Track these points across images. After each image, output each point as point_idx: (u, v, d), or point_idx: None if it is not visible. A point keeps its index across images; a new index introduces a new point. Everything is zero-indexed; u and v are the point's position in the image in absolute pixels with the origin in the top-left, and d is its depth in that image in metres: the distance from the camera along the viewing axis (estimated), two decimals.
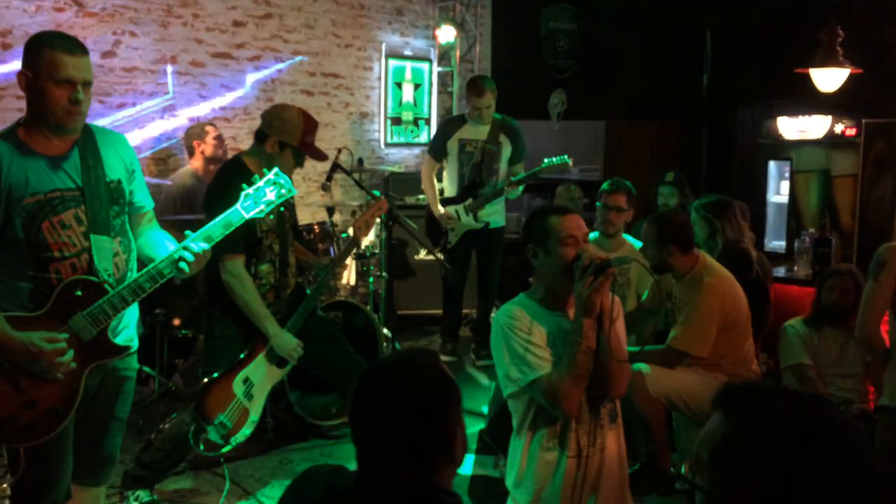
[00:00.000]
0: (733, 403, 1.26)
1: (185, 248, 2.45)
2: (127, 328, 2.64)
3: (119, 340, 2.55)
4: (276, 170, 2.65)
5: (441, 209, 5.41)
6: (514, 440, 2.60)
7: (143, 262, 2.64)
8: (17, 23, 4.91)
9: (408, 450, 1.57)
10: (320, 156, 3.71)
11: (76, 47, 2.44)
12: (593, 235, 4.51)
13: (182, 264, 2.45)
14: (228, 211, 2.56)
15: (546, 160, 5.20)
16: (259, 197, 2.59)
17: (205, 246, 2.48)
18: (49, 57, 2.39)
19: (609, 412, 2.55)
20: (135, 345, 2.70)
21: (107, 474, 2.80)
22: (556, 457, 2.48)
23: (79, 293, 2.39)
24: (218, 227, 2.54)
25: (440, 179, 5.73)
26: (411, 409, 1.58)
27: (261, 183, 2.60)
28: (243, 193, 2.58)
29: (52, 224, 2.41)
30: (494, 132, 5.36)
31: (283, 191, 2.63)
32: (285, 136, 3.52)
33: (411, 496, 1.59)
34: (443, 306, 5.74)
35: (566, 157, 5.20)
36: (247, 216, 2.56)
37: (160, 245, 2.64)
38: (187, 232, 2.50)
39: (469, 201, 5.39)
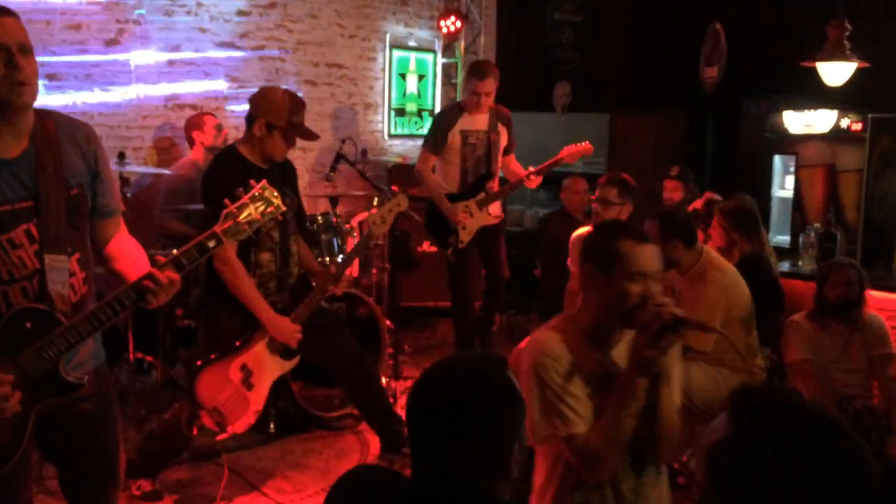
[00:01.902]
0: (741, 406, 1.24)
1: (151, 278, 2.09)
2: (85, 358, 2.30)
3: (76, 370, 2.21)
4: (263, 183, 2.29)
5: (451, 205, 5.04)
6: (539, 489, 2.27)
7: (108, 275, 2.36)
8: (20, 11, 4.88)
9: (461, 455, 1.49)
10: (309, 135, 3.66)
11: (0, 10, 2.07)
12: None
13: (152, 293, 2.11)
14: (205, 234, 2.20)
15: (566, 147, 5.01)
16: (242, 215, 2.22)
17: (173, 275, 2.13)
18: None
19: (655, 468, 2.23)
20: (91, 365, 2.33)
21: (117, 483, 2.54)
22: None
23: (28, 324, 2.05)
24: (192, 252, 2.18)
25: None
26: (472, 411, 1.50)
27: (245, 199, 2.23)
28: (224, 213, 2.21)
29: (1, 243, 2.06)
30: (493, 121, 5.09)
31: (270, 207, 2.26)
32: (271, 116, 3.49)
33: None
34: (456, 315, 5.31)
35: (587, 142, 5.02)
36: (225, 240, 2.21)
37: (129, 258, 2.32)
38: (158, 257, 2.18)
39: (481, 196, 5.07)
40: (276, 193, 2.29)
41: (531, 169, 4.99)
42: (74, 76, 5.17)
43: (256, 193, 2.25)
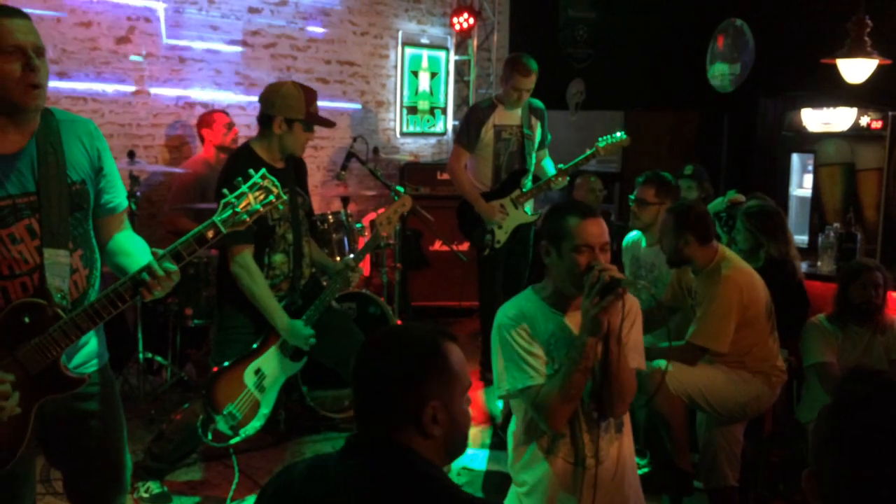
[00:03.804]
0: (842, 383, 1.33)
1: (148, 270, 2.08)
2: (87, 356, 2.29)
3: (79, 370, 2.21)
4: (262, 171, 2.26)
5: (487, 204, 4.88)
6: (514, 431, 2.56)
7: (113, 272, 2.32)
8: (31, 8, 4.86)
9: (375, 406, 1.63)
10: (328, 123, 3.66)
11: (14, 11, 2.09)
12: (634, 232, 4.35)
13: (147, 287, 2.09)
14: (204, 224, 2.18)
15: (601, 139, 4.86)
16: (241, 204, 2.20)
17: (171, 266, 2.10)
18: None
19: (615, 423, 2.50)
20: (93, 367, 2.31)
21: (123, 485, 2.49)
22: (548, 459, 2.45)
23: (27, 319, 2.04)
24: (190, 243, 2.15)
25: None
26: (384, 365, 1.65)
27: (245, 188, 2.21)
28: (223, 202, 2.19)
29: (1, 238, 2.06)
30: (526, 116, 4.97)
31: (270, 197, 2.23)
32: (290, 111, 3.45)
33: (383, 456, 1.60)
34: (483, 320, 5.13)
35: (623, 133, 4.89)
36: (225, 231, 2.18)
37: (133, 254, 2.28)
38: (155, 250, 2.16)
39: (516, 193, 4.92)
40: (276, 182, 2.25)
41: (560, 167, 4.88)
42: (85, 74, 5.14)
43: (256, 182, 2.22)
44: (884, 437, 1.22)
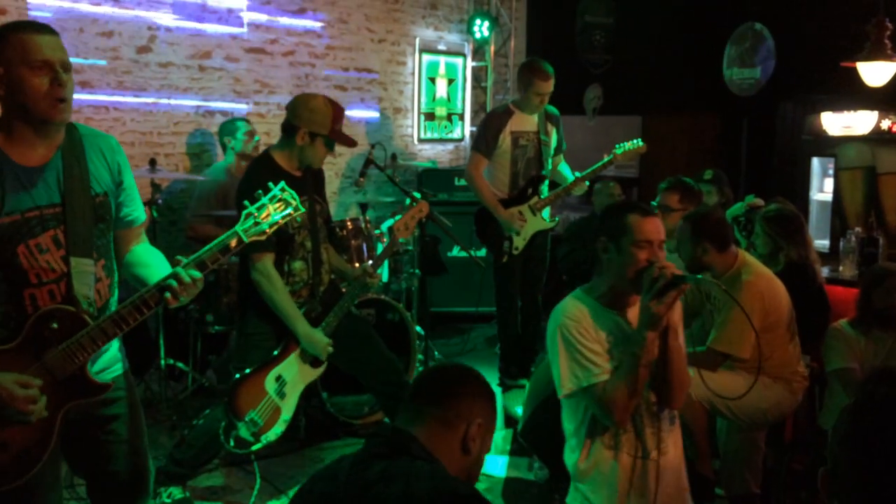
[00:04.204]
0: (864, 383, 1.39)
1: (174, 277, 2.15)
2: (110, 362, 2.34)
3: (101, 376, 2.26)
4: (282, 184, 2.34)
5: (506, 211, 4.87)
6: (571, 436, 2.59)
7: (130, 284, 2.38)
8: (54, 18, 4.93)
9: (418, 413, 1.79)
10: (350, 142, 3.70)
11: (43, 27, 2.16)
12: None
13: (170, 294, 2.15)
14: (227, 234, 2.25)
15: (619, 146, 4.90)
16: (262, 215, 2.28)
17: (196, 274, 2.17)
18: (18, 41, 2.09)
19: (669, 415, 2.57)
20: (117, 371, 2.37)
21: (146, 490, 2.53)
22: (614, 456, 2.49)
23: (55, 325, 2.10)
24: (214, 252, 2.23)
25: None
26: (453, 374, 1.87)
27: (265, 200, 2.30)
28: (244, 213, 2.28)
29: (29, 248, 2.12)
30: (543, 122, 4.97)
31: (289, 209, 2.31)
32: (315, 126, 3.49)
33: (393, 443, 1.72)
34: (501, 326, 5.16)
35: (640, 140, 4.93)
36: (247, 240, 2.25)
37: (152, 265, 2.35)
38: (179, 257, 2.21)
39: (535, 199, 4.91)
40: (294, 195, 2.33)
41: (578, 175, 4.89)
42: (107, 83, 5.20)
43: (276, 194, 2.30)
44: None
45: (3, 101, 2.14)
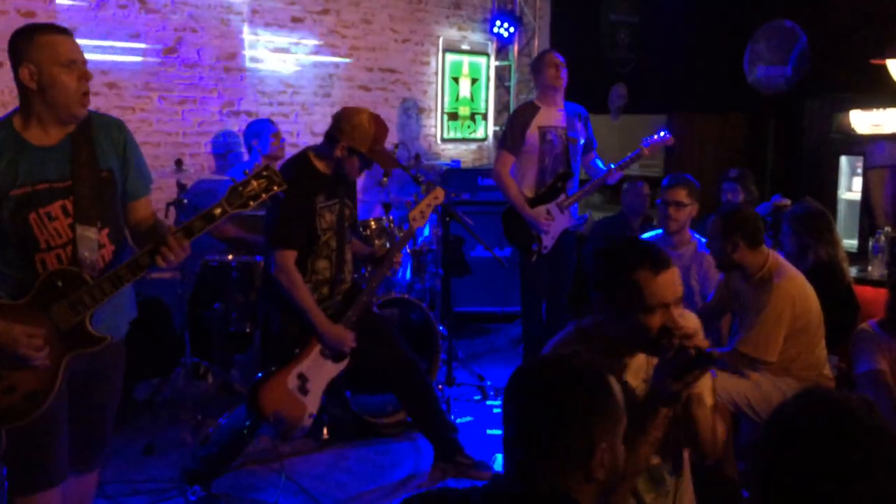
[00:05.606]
0: (777, 410, 1.41)
1: (164, 241, 2.40)
2: (115, 314, 2.59)
3: (102, 329, 2.49)
4: (266, 165, 2.54)
5: (533, 210, 4.79)
6: None
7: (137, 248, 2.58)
8: (81, 19, 4.99)
9: (539, 447, 1.50)
10: (390, 163, 3.71)
11: (63, 29, 2.42)
12: (655, 233, 4.38)
13: (159, 256, 2.40)
14: (213, 205, 2.47)
15: (645, 140, 4.81)
16: (246, 190, 2.47)
17: (183, 240, 2.42)
18: (47, 42, 2.34)
19: (670, 470, 2.14)
20: (120, 332, 2.63)
21: (96, 459, 2.72)
22: None
23: (60, 283, 2.37)
24: (199, 219, 2.45)
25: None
26: (549, 403, 1.52)
27: (250, 176, 2.49)
28: (230, 188, 2.48)
29: (39, 215, 2.40)
30: (570, 119, 4.91)
31: (273, 186, 2.50)
32: (354, 142, 3.51)
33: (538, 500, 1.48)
34: (526, 327, 5.12)
35: (666, 131, 4.84)
36: (231, 211, 2.46)
37: (153, 232, 2.58)
38: (171, 226, 2.45)
39: (563, 197, 4.83)
40: (278, 172, 2.52)
41: (612, 166, 4.85)
42: (133, 85, 5.26)
43: (261, 173, 2.51)
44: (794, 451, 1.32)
45: (31, 95, 2.37)
